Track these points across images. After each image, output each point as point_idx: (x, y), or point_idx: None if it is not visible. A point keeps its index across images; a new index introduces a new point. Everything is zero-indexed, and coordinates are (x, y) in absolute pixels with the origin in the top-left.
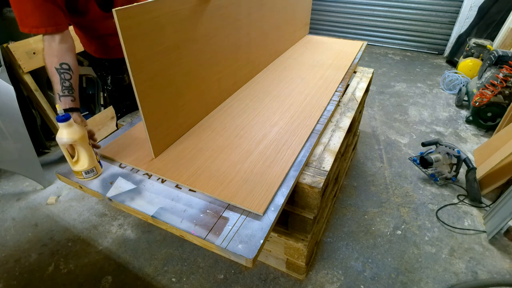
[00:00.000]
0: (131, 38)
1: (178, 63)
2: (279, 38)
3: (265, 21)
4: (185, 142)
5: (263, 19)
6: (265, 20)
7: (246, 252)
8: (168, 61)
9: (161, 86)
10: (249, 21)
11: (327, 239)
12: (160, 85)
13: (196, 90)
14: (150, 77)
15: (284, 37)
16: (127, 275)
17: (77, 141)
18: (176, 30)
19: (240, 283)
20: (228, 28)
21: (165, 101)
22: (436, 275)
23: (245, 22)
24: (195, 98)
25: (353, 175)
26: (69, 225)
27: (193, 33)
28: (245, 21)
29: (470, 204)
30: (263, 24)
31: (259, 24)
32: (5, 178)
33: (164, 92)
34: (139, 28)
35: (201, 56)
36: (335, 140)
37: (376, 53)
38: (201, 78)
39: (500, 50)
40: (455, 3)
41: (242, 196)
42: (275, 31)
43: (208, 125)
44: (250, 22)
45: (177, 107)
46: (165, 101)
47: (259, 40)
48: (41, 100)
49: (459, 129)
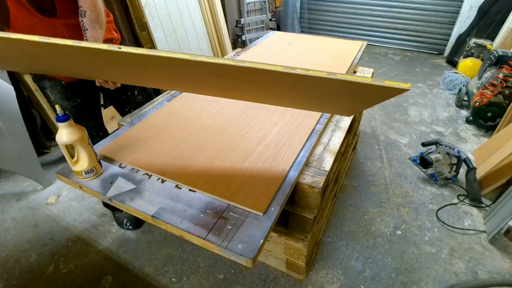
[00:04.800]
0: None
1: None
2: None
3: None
4: (185, 142)
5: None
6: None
7: (246, 252)
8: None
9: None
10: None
11: (327, 239)
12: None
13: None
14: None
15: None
16: (127, 275)
17: (76, 141)
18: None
19: (240, 283)
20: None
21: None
22: (436, 275)
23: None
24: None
25: (353, 175)
26: (69, 225)
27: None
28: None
29: (470, 204)
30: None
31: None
32: (5, 178)
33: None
34: None
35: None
36: (335, 140)
37: (376, 53)
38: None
39: (500, 50)
40: (455, 3)
41: (242, 196)
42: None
43: (208, 125)
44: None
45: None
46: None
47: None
48: (41, 100)
49: (459, 129)
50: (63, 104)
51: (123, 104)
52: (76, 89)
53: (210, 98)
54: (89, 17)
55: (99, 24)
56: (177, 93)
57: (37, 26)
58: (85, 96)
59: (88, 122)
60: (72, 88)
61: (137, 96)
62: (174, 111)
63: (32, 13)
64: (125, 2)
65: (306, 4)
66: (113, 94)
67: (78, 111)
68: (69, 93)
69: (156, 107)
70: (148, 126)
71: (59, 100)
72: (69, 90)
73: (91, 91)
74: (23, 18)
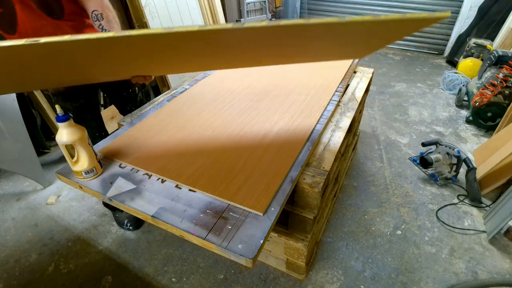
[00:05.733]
0: None
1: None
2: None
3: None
4: (185, 142)
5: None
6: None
7: (246, 252)
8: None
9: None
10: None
11: (327, 239)
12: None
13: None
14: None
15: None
16: (127, 275)
17: (76, 141)
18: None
19: (240, 283)
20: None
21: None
22: (436, 275)
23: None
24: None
25: (353, 175)
26: (69, 225)
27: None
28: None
29: (470, 204)
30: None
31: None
32: (5, 178)
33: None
34: None
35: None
36: (335, 140)
37: (376, 53)
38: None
39: (500, 50)
40: (455, 3)
41: (242, 196)
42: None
43: (208, 125)
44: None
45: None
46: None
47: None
48: (41, 100)
49: (459, 129)
50: (65, 105)
51: (125, 103)
52: (78, 90)
53: (210, 98)
54: (107, 18)
55: (116, 23)
56: (177, 93)
57: (45, 29)
58: (87, 97)
59: (90, 123)
60: (74, 90)
61: (138, 94)
62: (174, 111)
63: (40, 15)
64: (125, 2)
65: (306, 4)
66: (115, 92)
67: (80, 112)
68: (71, 95)
69: (156, 107)
70: (148, 126)
71: (61, 102)
72: (72, 91)
73: (92, 92)
74: (31, 21)
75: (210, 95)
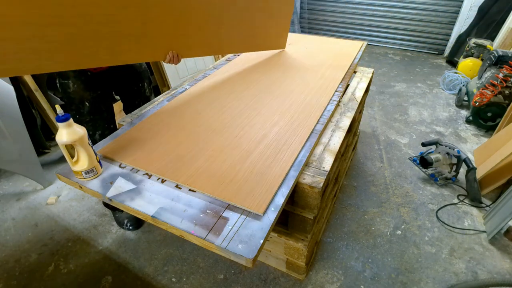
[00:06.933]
0: None
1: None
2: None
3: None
4: (185, 142)
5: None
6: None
7: (246, 252)
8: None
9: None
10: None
11: (327, 239)
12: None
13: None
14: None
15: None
16: (127, 275)
17: (76, 141)
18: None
19: (240, 283)
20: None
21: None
22: (436, 275)
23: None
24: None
25: (353, 175)
26: (69, 225)
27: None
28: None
29: (470, 204)
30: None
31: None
32: (5, 178)
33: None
34: None
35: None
36: (335, 140)
37: (376, 53)
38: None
39: (500, 50)
40: (455, 3)
41: (242, 196)
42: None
43: (208, 125)
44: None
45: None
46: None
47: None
48: (41, 100)
49: (459, 129)
50: (84, 95)
51: (134, 97)
52: (100, 80)
53: (210, 98)
54: None
55: None
56: (177, 93)
57: None
58: (105, 88)
59: (102, 114)
60: (96, 79)
61: (146, 89)
62: (174, 111)
63: None
64: None
65: (306, 4)
66: (125, 87)
67: (97, 102)
68: (92, 84)
69: (156, 107)
70: (148, 126)
71: (81, 91)
72: (93, 80)
73: (109, 83)
74: None
75: (210, 95)
